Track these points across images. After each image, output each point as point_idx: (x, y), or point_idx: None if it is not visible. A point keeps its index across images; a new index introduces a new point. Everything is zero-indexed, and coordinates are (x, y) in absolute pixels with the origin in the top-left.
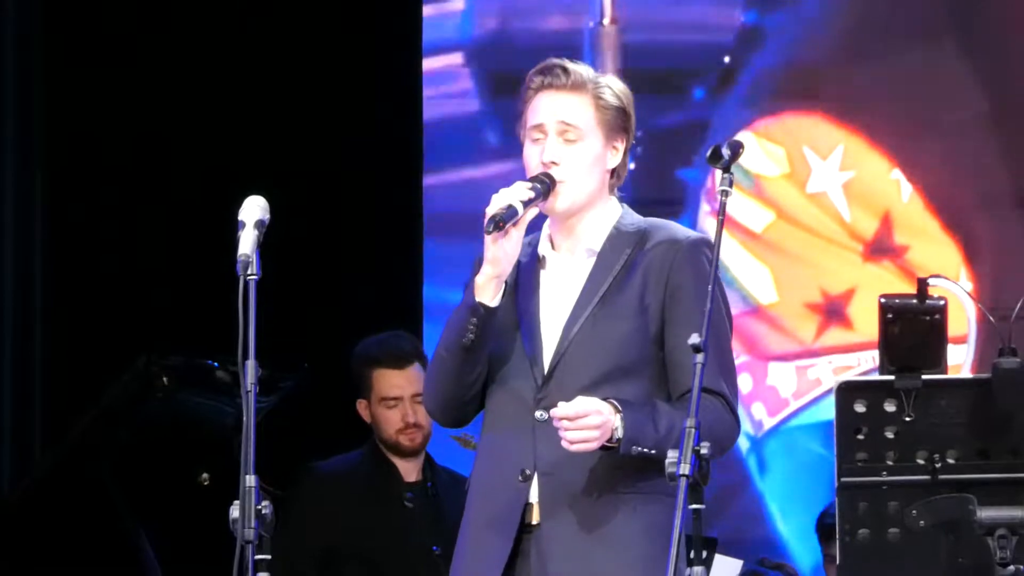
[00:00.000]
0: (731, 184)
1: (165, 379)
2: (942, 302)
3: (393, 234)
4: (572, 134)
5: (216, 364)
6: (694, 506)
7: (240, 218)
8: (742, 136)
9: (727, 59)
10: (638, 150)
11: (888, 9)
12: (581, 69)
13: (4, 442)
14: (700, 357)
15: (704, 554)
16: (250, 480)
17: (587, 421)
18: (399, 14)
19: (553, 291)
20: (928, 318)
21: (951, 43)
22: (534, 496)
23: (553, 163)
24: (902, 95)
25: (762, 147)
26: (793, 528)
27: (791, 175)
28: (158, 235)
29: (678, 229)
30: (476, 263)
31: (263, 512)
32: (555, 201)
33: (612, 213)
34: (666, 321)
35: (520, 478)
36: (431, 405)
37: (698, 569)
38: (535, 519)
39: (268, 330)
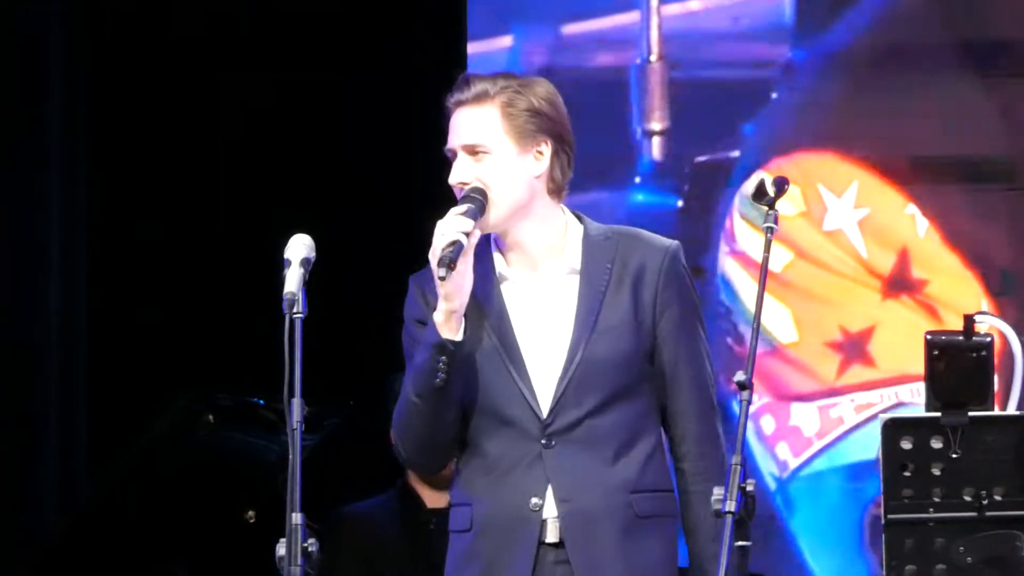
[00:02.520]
0: (776, 221)
1: (210, 416)
2: (988, 339)
3: None
4: (477, 149)
5: (261, 402)
6: (740, 543)
7: (286, 256)
8: (758, 176)
9: (774, 95)
10: (685, 187)
11: (907, 47)
12: (489, 79)
13: (49, 477)
14: (745, 394)
15: None
16: (296, 518)
17: None
18: (444, 53)
19: (529, 311)
20: (974, 355)
21: (971, 81)
22: (550, 516)
23: (462, 183)
24: (917, 132)
25: None
26: (823, 567)
27: (807, 213)
28: (204, 272)
29: (653, 237)
30: (406, 314)
31: (309, 550)
32: (484, 219)
33: (572, 224)
34: (658, 337)
35: (532, 508)
36: (410, 455)
37: None
38: (552, 537)
39: (313, 368)
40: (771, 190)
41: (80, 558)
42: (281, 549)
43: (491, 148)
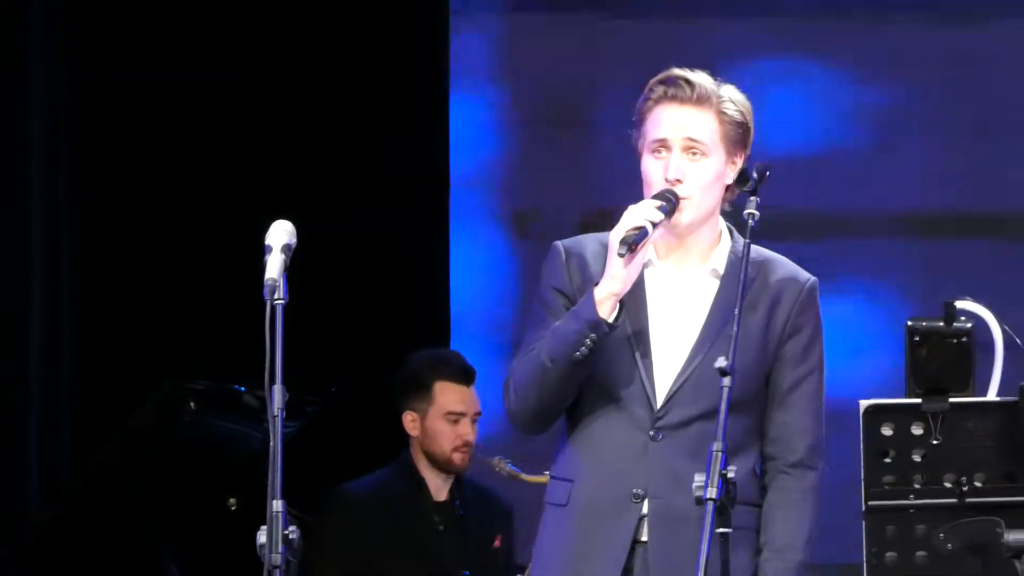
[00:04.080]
0: (757, 207)
1: (192, 404)
2: (969, 325)
3: (420, 259)
4: (697, 150)
5: (243, 389)
6: (721, 530)
7: (267, 242)
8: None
9: None
10: None
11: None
12: (705, 82)
13: (32, 466)
14: (727, 381)
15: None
16: (277, 505)
17: None
18: (429, 40)
19: (666, 305)
20: (955, 341)
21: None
22: (644, 515)
23: (678, 180)
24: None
25: None
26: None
27: None
28: (186, 259)
29: (795, 267)
30: (545, 276)
31: (290, 537)
32: (679, 217)
33: (725, 233)
34: (779, 359)
35: (633, 499)
36: (523, 413)
37: None
38: (644, 536)
39: (295, 354)
40: (753, 176)
41: (63, 547)
42: (262, 536)
43: (709, 151)
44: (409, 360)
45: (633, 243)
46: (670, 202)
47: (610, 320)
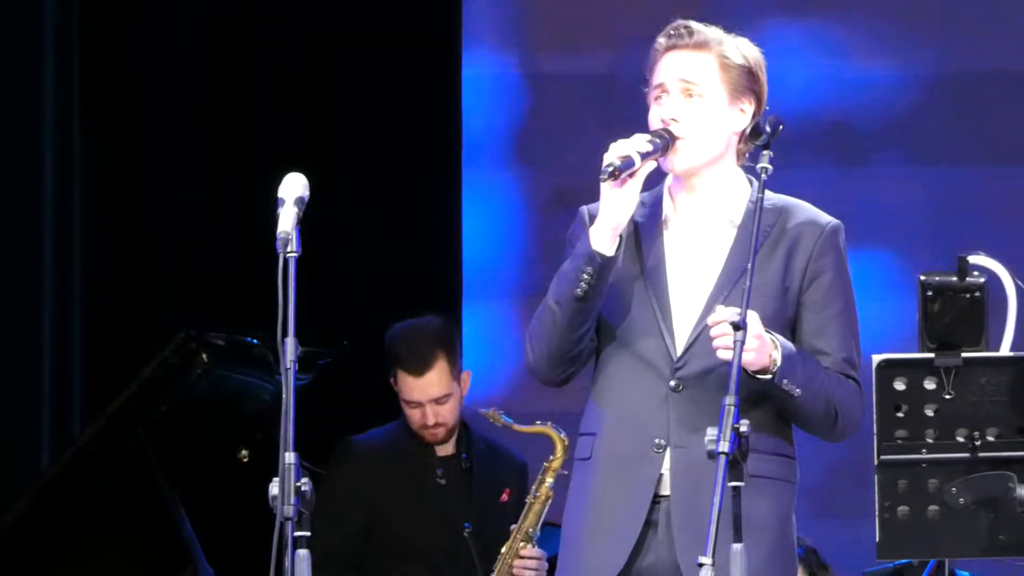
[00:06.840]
0: (771, 162)
1: (205, 355)
2: (982, 280)
3: (432, 213)
4: (692, 91)
5: (255, 341)
6: (734, 483)
7: (280, 195)
8: None
9: None
10: None
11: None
12: (708, 30)
13: (44, 418)
14: (739, 335)
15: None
16: (290, 457)
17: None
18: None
19: (684, 256)
20: (968, 295)
21: None
22: (666, 467)
23: (673, 119)
24: None
25: None
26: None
27: None
28: (199, 212)
29: (816, 212)
30: (569, 238)
31: (303, 489)
32: (674, 158)
33: (743, 184)
34: (802, 306)
35: (655, 449)
36: (536, 360)
37: (737, 546)
38: (666, 490)
39: (307, 308)
40: (766, 130)
41: (76, 495)
42: (274, 488)
43: (705, 92)
44: (385, 337)
45: (616, 170)
46: (663, 139)
47: (607, 253)
